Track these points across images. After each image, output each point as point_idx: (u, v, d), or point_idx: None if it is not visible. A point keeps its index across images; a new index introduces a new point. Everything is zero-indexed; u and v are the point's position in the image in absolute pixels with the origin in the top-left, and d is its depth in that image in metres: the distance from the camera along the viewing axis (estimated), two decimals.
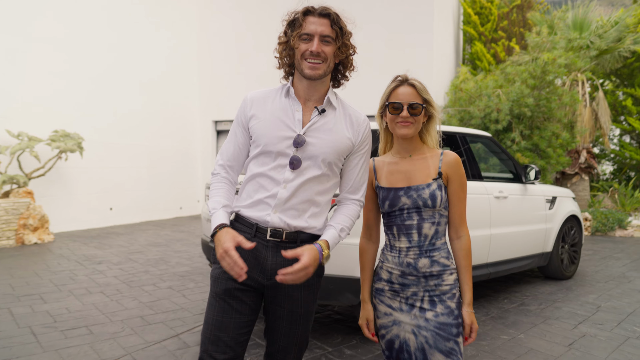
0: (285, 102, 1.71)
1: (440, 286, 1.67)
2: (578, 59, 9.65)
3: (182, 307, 4.21)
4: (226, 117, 12.03)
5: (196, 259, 6.38)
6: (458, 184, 1.72)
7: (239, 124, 1.75)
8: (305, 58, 1.62)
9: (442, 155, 1.74)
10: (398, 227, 1.73)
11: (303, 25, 1.63)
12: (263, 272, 1.67)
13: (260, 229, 1.68)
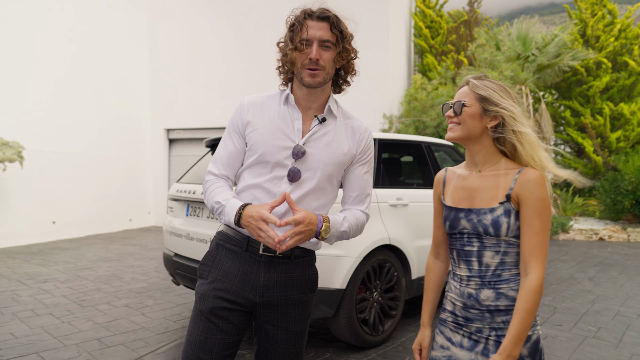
0: (284, 109, 1.62)
1: (509, 324, 1.39)
2: (521, 71, 10.20)
3: (142, 327, 3.96)
4: (179, 125, 11.66)
5: (152, 274, 6.07)
6: (532, 210, 1.36)
7: (235, 130, 1.64)
8: (305, 65, 1.54)
9: (519, 173, 1.39)
10: (458, 252, 1.51)
11: (302, 30, 1.53)
12: (255, 290, 1.57)
13: (253, 243, 1.59)
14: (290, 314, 1.61)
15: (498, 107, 1.42)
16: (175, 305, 4.62)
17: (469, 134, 1.46)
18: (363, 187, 1.69)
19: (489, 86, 1.45)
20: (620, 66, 11.33)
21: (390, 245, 3.73)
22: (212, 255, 1.65)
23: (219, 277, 1.59)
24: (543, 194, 1.36)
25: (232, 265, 1.59)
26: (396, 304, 3.77)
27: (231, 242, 1.62)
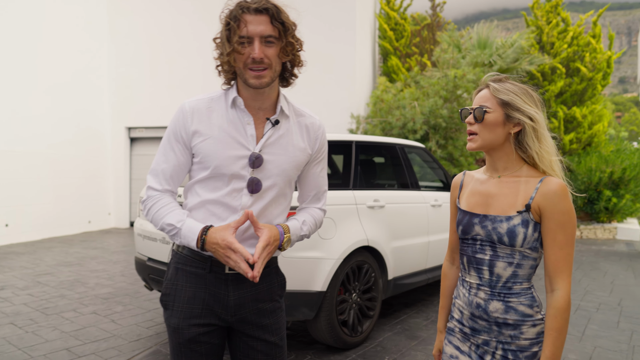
0: (233, 114, 1.46)
1: (517, 339, 1.34)
2: (483, 75, 10.57)
3: (113, 334, 3.82)
4: (142, 123, 11.30)
5: (118, 278, 5.86)
6: (556, 223, 1.28)
7: (178, 139, 1.46)
8: (248, 65, 1.38)
9: (541, 182, 1.31)
10: (469, 259, 1.43)
11: (240, 26, 1.36)
12: (226, 309, 1.48)
13: (216, 263, 1.46)
14: (266, 325, 1.54)
15: (521, 113, 1.33)
16: (147, 310, 4.48)
17: (491, 143, 1.37)
18: (320, 186, 1.63)
19: (511, 90, 1.35)
20: (573, 72, 11.94)
21: (368, 247, 3.77)
22: (172, 282, 1.51)
23: (186, 305, 1.47)
24: (567, 206, 1.28)
25: (197, 289, 1.47)
26: (374, 304, 3.82)
27: (191, 264, 1.49)
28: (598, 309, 4.79)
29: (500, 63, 11.03)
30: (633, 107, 49.27)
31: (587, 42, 11.99)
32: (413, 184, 4.54)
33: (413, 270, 4.36)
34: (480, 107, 1.36)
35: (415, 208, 4.39)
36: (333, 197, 3.58)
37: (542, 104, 1.40)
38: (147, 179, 1.50)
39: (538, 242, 1.33)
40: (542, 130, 1.34)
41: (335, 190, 3.69)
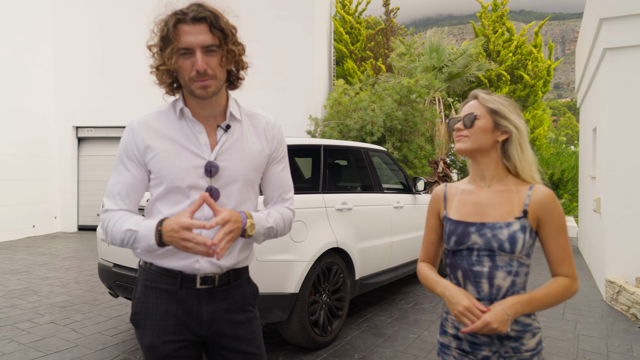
0: (183, 125, 1.42)
1: (519, 352, 1.34)
2: (435, 80, 11.01)
3: (76, 344, 3.68)
4: (91, 122, 10.83)
5: (72, 285, 5.62)
6: (555, 227, 1.35)
7: (130, 157, 1.41)
8: (193, 79, 1.34)
9: (531, 189, 1.37)
10: (464, 272, 1.40)
11: (177, 37, 1.31)
12: (200, 325, 1.45)
13: (187, 278, 1.43)
14: (242, 335, 1.51)
15: (509, 121, 1.39)
16: (109, 318, 4.35)
17: (480, 146, 1.40)
18: (283, 184, 1.58)
19: (498, 100, 1.41)
20: (517, 79, 12.70)
21: (337, 248, 3.87)
22: (142, 300, 1.46)
23: (159, 322, 1.43)
24: (561, 210, 1.37)
25: (169, 306, 1.43)
26: (342, 304, 3.93)
27: (161, 280, 1.44)
28: None
29: (451, 68, 11.54)
30: (567, 112, 52.90)
31: (530, 52, 12.79)
32: (377, 187, 4.69)
33: (378, 270, 4.51)
34: (470, 114, 1.41)
35: (380, 210, 4.55)
36: (303, 201, 3.66)
37: (521, 115, 1.47)
38: (104, 202, 1.44)
39: (531, 249, 1.38)
40: (525, 140, 1.41)
41: (305, 194, 3.76)
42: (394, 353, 3.62)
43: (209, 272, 1.43)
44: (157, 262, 1.44)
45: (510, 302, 1.29)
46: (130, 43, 10.70)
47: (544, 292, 1.32)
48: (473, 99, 1.46)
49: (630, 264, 5.05)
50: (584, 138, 8.52)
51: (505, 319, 1.27)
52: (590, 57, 6.73)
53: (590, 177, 7.11)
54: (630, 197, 5.06)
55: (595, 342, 3.92)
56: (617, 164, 5.16)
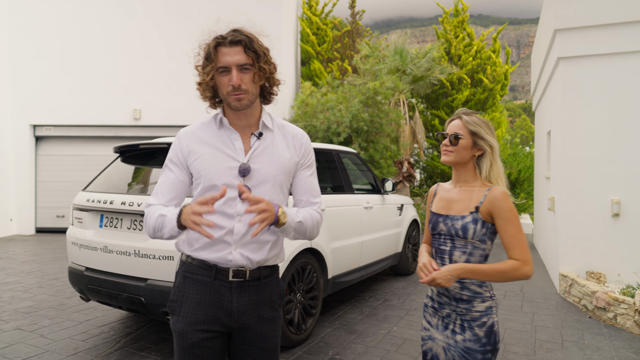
0: (221, 133, 1.64)
1: (470, 312, 1.72)
2: (400, 82, 11.31)
3: (47, 350, 3.61)
4: (50, 121, 10.44)
5: (35, 290, 5.45)
6: (503, 219, 1.69)
7: (175, 163, 1.64)
8: (229, 93, 1.55)
9: (489, 190, 1.73)
10: (436, 250, 1.84)
11: (217, 57, 1.54)
12: (230, 316, 1.60)
13: (221, 270, 1.59)
14: (265, 332, 1.65)
15: (485, 142, 1.76)
16: (78, 322, 4.27)
17: (460, 160, 1.79)
18: (311, 189, 1.73)
19: (477, 122, 1.77)
20: (477, 82, 13.20)
21: (311, 248, 3.97)
22: (179, 289, 1.63)
23: (192, 311, 1.58)
24: (510, 206, 1.70)
25: (203, 295, 1.59)
26: (316, 302, 4.03)
27: (198, 272, 1.61)
28: (505, 295, 5.47)
29: (415, 71, 11.86)
30: (523, 114, 55.20)
31: (489, 56, 13.32)
32: (348, 188, 4.83)
33: (349, 269, 4.65)
34: (456, 134, 1.77)
35: (351, 210, 4.68)
36: None
37: (494, 133, 1.83)
38: (149, 200, 1.66)
39: (486, 236, 1.73)
40: (495, 156, 1.78)
41: None
42: (366, 349, 3.76)
43: (240, 265, 1.58)
44: (195, 254, 1.61)
45: (456, 266, 1.65)
46: (91, 39, 10.41)
47: (490, 266, 1.66)
48: (457, 119, 1.81)
49: (581, 258, 5.42)
50: (539, 140, 8.99)
51: (448, 278, 1.63)
52: (545, 64, 7.14)
53: (545, 178, 7.54)
54: (581, 197, 5.43)
55: (551, 332, 4.21)
56: (569, 165, 5.52)
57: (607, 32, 5.31)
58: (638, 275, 4.95)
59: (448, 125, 1.83)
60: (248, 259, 1.59)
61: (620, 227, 5.22)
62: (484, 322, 1.71)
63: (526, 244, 1.68)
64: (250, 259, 1.59)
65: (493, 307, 1.75)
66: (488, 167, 1.76)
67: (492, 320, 1.73)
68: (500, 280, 1.66)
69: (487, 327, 1.71)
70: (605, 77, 5.34)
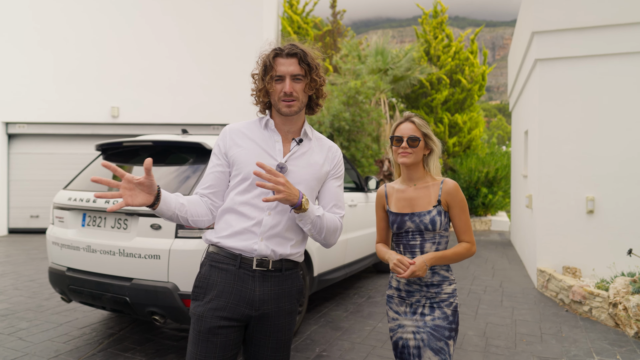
0: (265, 133, 1.77)
1: (439, 294, 1.94)
2: (381, 82, 11.41)
3: (26, 353, 3.52)
4: (23, 118, 10.15)
5: (11, 292, 5.30)
6: (458, 208, 1.97)
7: (217, 154, 1.79)
8: (281, 98, 1.70)
9: (442, 183, 1.97)
10: (404, 246, 1.99)
11: (274, 67, 1.70)
12: (251, 304, 1.67)
13: (245, 259, 1.68)
14: (281, 324, 1.73)
15: (433, 141, 2.00)
16: (58, 324, 4.17)
17: (417, 160, 1.98)
18: (337, 199, 1.84)
19: (426, 125, 2.00)
20: (455, 83, 13.42)
21: None
22: (205, 277, 1.71)
23: (215, 297, 1.66)
24: (462, 196, 1.98)
25: (227, 283, 1.67)
26: (302, 300, 4.05)
27: (223, 261, 1.70)
28: (485, 291, 5.59)
29: (395, 71, 11.98)
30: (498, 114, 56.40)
31: (467, 57, 13.56)
32: None
33: (334, 266, 4.67)
34: (414, 137, 1.95)
35: None
36: None
37: None
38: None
39: (447, 224, 1.99)
40: (439, 152, 2.03)
41: None
42: (352, 345, 3.80)
43: (264, 255, 1.68)
44: (222, 242, 1.71)
45: (429, 256, 1.89)
46: (64, 36, 10.15)
47: (452, 251, 1.94)
48: (409, 123, 1.98)
49: (558, 254, 5.59)
50: (516, 139, 9.21)
51: (424, 268, 1.86)
52: (522, 65, 7.32)
53: (522, 176, 7.73)
54: (558, 194, 5.60)
55: (530, 325, 4.33)
56: (546, 164, 5.69)
57: (582, 35, 5.49)
58: (611, 269, 5.14)
59: (398, 128, 1.99)
60: (272, 251, 1.69)
61: (594, 224, 5.41)
62: (451, 302, 1.96)
63: (471, 228, 2.00)
64: (274, 251, 1.69)
65: (456, 289, 2.01)
66: (434, 163, 2.00)
67: (457, 302, 1.98)
68: (458, 260, 1.95)
69: (453, 307, 1.96)
70: (581, 78, 5.52)
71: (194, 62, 10.38)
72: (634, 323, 4.00)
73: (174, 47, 10.37)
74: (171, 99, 10.24)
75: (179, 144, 3.57)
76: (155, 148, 3.70)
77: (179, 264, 3.11)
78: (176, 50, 10.36)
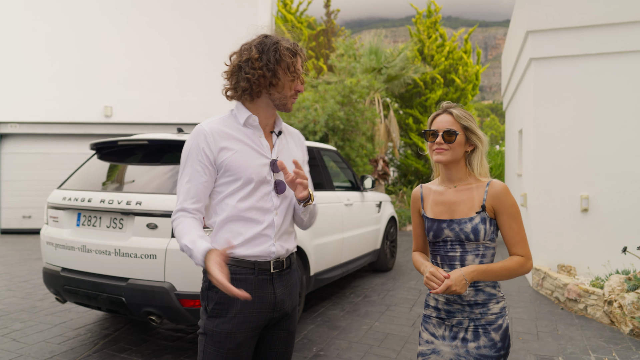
0: (246, 130, 1.68)
1: (486, 315, 1.63)
2: (375, 81, 11.42)
3: (20, 354, 3.48)
4: (14, 118, 10.04)
5: (4, 293, 5.24)
6: (507, 215, 1.62)
7: (202, 160, 1.60)
8: (293, 95, 1.68)
9: (488, 185, 1.64)
10: (442, 257, 1.69)
11: (296, 65, 1.65)
12: (273, 308, 1.65)
13: (262, 264, 1.63)
14: (293, 315, 1.76)
15: (477, 136, 1.67)
16: (53, 325, 4.13)
17: (455, 158, 1.67)
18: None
19: (468, 117, 1.68)
20: (449, 82, 13.47)
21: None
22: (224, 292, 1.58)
23: (240, 310, 1.59)
24: (512, 200, 1.63)
25: (248, 293, 1.57)
26: (299, 299, 4.03)
27: (240, 272, 1.62)
28: None
29: (389, 70, 12.00)
30: (491, 114, 56.73)
31: (460, 57, 13.61)
32: (329, 185, 4.85)
33: (331, 266, 4.67)
34: (450, 130, 1.65)
35: (332, 207, 4.70)
36: None
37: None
38: (178, 200, 1.63)
39: (494, 234, 1.65)
40: (486, 150, 1.70)
41: None
42: (349, 344, 3.79)
43: (280, 255, 1.66)
44: (235, 252, 1.61)
45: (469, 269, 1.56)
46: (58, 35, 10.05)
47: (499, 265, 1.60)
48: (447, 114, 1.69)
49: (553, 252, 5.62)
50: (510, 139, 9.25)
51: (463, 283, 1.53)
52: (516, 65, 7.35)
53: (516, 175, 7.77)
54: (552, 193, 5.63)
55: (527, 323, 4.35)
56: (541, 163, 5.71)
57: (576, 35, 5.52)
58: (606, 267, 5.17)
59: (434, 121, 1.70)
60: (285, 249, 1.69)
61: (589, 222, 5.44)
62: (500, 324, 1.63)
63: (526, 239, 1.65)
64: (286, 248, 1.69)
65: (506, 307, 1.69)
66: (479, 162, 1.68)
67: (507, 322, 1.67)
68: (508, 277, 1.60)
69: (502, 330, 1.64)
70: (575, 77, 5.55)
71: (189, 61, 10.33)
72: (629, 320, 4.03)
73: (168, 47, 10.31)
74: (165, 98, 10.18)
75: (175, 143, 3.55)
76: (151, 147, 3.67)
77: (176, 264, 3.08)
78: (171, 50, 10.30)
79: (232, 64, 1.67)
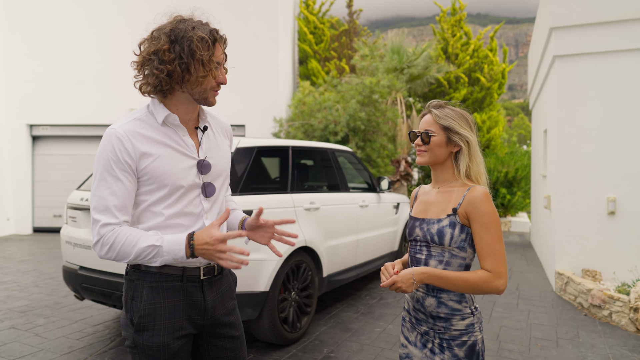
0: (167, 129, 1.50)
1: (449, 330, 1.54)
2: (397, 80, 11.31)
3: (41, 349, 3.61)
4: (46, 120, 10.42)
5: (31, 289, 5.44)
6: (479, 224, 1.49)
7: (123, 169, 1.41)
8: (213, 88, 1.51)
9: (468, 190, 1.54)
10: (411, 259, 1.66)
11: (215, 52, 1.47)
12: (204, 315, 1.56)
13: (190, 271, 1.53)
14: (232, 322, 1.65)
15: (459, 136, 1.57)
16: (73, 321, 4.26)
17: (436, 159, 1.60)
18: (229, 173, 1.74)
19: (450, 115, 1.58)
20: (474, 81, 13.21)
21: (306, 247, 3.97)
22: (150, 303, 1.48)
23: (169, 321, 1.49)
24: (489, 209, 1.49)
25: (176, 302, 1.51)
26: (311, 301, 4.03)
27: (165, 279, 1.50)
28: None
29: (412, 70, 11.86)
30: (521, 113, 55.33)
31: (486, 55, 13.32)
32: (343, 186, 4.83)
33: (345, 267, 4.64)
34: (426, 132, 1.59)
35: (346, 209, 4.68)
36: (273, 201, 3.73)
37: (474, 124, 1.64)
38: (95, 218, 1.40)
39: (466, 242, 1.53)
40: (474, 149, 1.59)
41: (274, 194, 3.84)
42: (360, 346, 3.76)
43: (210, 262, 1.55)
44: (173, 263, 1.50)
45: (420, 270, 1.49)
46: (83, 38, 10.37)
47: (457, 274, 1.48)
48: (427, 113, 1.64)
49: (577, 256, 5.43)
50: (536, 138, 9.00)
51: (410, 282, 1.47)
52: (541, 63, 7.14)
53: (541, 176, 7.55)
54: (577, 195, 5.44)
55: (546, 330, 4.21)
56: (565, 164, 5.53)
57: (601, 30, 5.32)
58: (633, 273, 4.96)
59: (421, 121, 1.65)
60: None
61: (615, 225, 5.23)
62: (464, 341, 1.53)
63: (502, 254, 1.49)
64: None
65: (475, 323, 1.56)
66: (466, 164, 1.58)
67: (474, 339, 1.54)
68: (468, 291, 1.49)
69: (467, 347, 1.53)
70: (601, 75, 5.35)
71: None
72: None
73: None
74: None
75: None
76: None
77: None
78: None
79: (141, 54, 1.46)
